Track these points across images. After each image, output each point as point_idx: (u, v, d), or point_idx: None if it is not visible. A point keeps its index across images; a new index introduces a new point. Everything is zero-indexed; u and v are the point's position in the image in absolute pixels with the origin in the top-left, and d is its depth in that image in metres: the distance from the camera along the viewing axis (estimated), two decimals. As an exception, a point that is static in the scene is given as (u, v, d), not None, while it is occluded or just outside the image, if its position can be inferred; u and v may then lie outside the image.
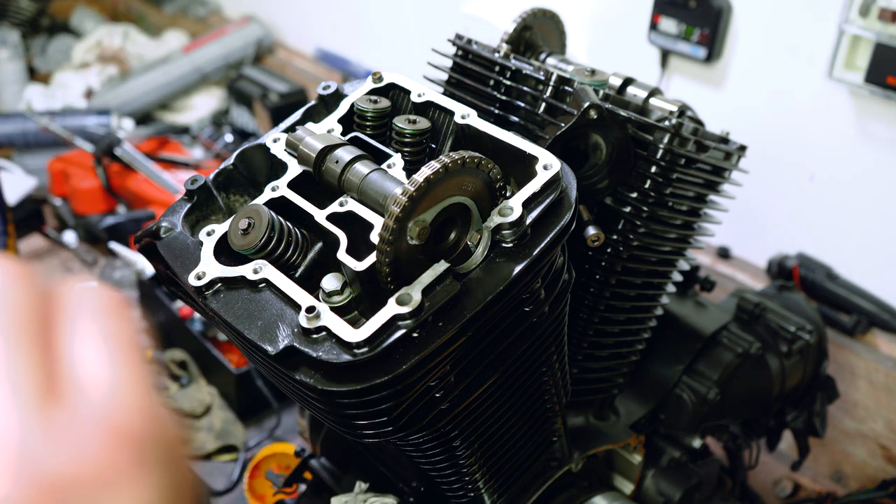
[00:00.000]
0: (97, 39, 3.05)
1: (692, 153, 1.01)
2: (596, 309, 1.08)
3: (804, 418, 1.48)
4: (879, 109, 1.58)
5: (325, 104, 0.96)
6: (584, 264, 1.06)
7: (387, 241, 0.72)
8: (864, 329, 1.66)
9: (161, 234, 0.86)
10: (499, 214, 0.78)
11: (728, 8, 1.74)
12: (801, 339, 1.37)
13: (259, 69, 2.86)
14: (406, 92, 0.94)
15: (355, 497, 1.12)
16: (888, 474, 1.63)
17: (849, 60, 1.56)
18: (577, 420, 1.20)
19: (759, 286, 1.71)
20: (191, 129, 2.79)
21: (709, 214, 1.13)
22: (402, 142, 0.88)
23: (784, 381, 1.39)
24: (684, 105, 1.06)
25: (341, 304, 0.78)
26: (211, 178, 0.90)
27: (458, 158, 0.73)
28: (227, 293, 0.80)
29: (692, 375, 1.30)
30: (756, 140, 1.31)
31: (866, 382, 1.64)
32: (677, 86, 1.90)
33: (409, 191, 0.71)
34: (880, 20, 1.48)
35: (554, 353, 0.96)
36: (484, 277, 0.77)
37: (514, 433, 1.01)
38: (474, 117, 0.88)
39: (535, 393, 0.99)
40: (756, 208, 1.77)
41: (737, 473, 1.49)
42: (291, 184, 0.86)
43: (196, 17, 3.24)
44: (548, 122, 0.98)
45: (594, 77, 1.03)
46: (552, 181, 0.80)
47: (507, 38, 1.14)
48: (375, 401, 0.75)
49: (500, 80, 1.03)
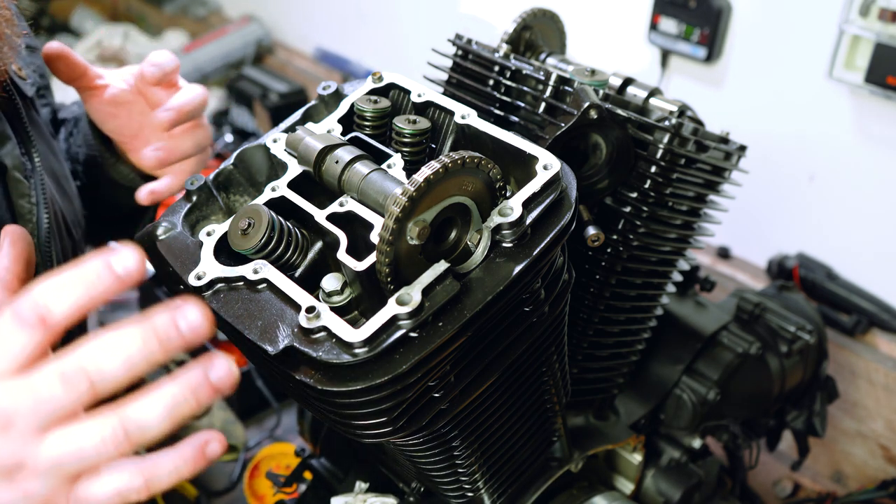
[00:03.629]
0: (97, 39, 3.05)
1: (692, 153, 1.01)
2: (596, 309, 1.08)
3: (804, 418, 1.48)
4: (879, 109, 1.58)
5: (325, 104, 0.96)
6: (584, 264, 1.06)
7: (387, 241, 0.72)
8: (864, 329, 1.66)
9: (161, 234, 0.86)
10: (499, 214, 0.78)
11: (728, 8, 1.74)
12: (801, 339, 1.37)
13: (259, 69, 2.86)
14: (406, 92, 0.94)
15: (355, 497, 1.12)
16: (888, 474, 1.63)
17: (849, 60, 1.56)
18: (577, 420, 1.20)
19: (759, 286, 1.71)
20: (191, 129, 2.78)
21: (709, 214, 1.13)
22: (402, 142, 0.88)
23: (784, 381, 1.39)
24: (684, 105, 1.06)
25: (341, 304, 0.78)
26: (211, 178, 0.90)
27: (458, 158, 0.73)
28: (227, 293, 0.80)
29: (692, 375, 1.30)
30: (756, 140, 1.31)
31: (866, 382, 1.64)
32: (677, 86, 1.90)
33: (408, 191, 0.71)
34: (880, 20, 1.48)
35: (554, 353, 0.96)
36: (484, 277, 0.77)
37: (514, 433, 1.01)
38: (474, 117, 0.88)
39: (535, 393, 0.99)
40: (756, 208, 1.77)
41: (737, 473, 1.49)
42: (291, 184, 0.86)
43: (196, 17, 3.24)
44: (548, 122, 0.98)
45: (594, 77, 1.03)
46: (552, 181, 0.80)
47: (507, 38, 1.14)
48: (375, 401, 0.75)
49: (500, 80, 1.03)
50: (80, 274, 0.59)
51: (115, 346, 0.59)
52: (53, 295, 0.59)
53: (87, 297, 0.59)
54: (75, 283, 0.59)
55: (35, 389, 0.58)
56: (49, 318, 0.59)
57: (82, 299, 0.59)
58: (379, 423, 0.79)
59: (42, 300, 0.59)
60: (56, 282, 0.59)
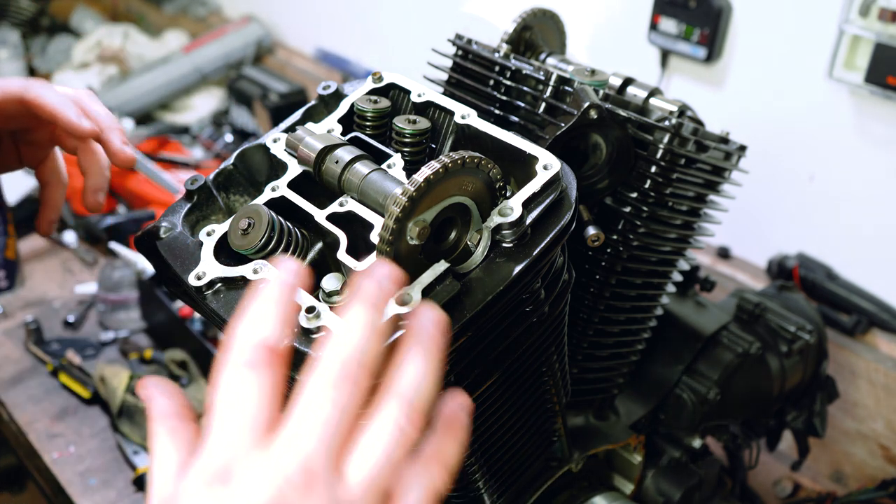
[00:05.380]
0: (97, 39, 3.04)
1: (692, 153, 1.01)
2: (596, 309, 1.08)
3: (804, 418, 1.48)
4: (879, 109, 1.58)
5: (325, 104, 0.96)
6: (584, 264, 1.06)
7: (387, 241, 0.72)
8: (864, 329, 1.66)
9: (161, 234, 0.86)
10: (499, 214, 0.78)
11: (728, 8, 1.74)
12: (801, 339, 1.37)
13: (259, 69, 2.86)
14: (406, 92, 0.94)
15: (355, 497, 1.12)
16: (888, 474, 1.63)
17: (849, 60, 1.56)
18: (577, 420, 1.20)
19: (759, 286, 1.71)
20: (191, 129, 2.79)
21: (709, 214, 1.13)
22: (402, 142, 0.88)
23: (784, 381, 1.39)
24: (684, 105, 1.06)
25: (341, 304, 0.78)
26: (211, 178, 0.90)
27: (458, 158, 0.73)
28: (227, 293, 0.80)
29: (692, 375, 1.30)
30: (756, 140, 1.31)
31: (866, 382, 1.64)
32: (677, 86, 1.90)
33: (408, 191, 0.71)
34: (880, 20, 1.48)
35: (554, 353, 0.96)
36: (484, 277, 0.77)
37: (514, 433, 1.01)
38: (474, 117, 0.88)
39: (535, 393, 0.99)
40: (756, 208, 1.77)
41: (737, 473, 1.49)
42: (291, 184, 0.86)
43: (196, 17, 3.24)
44: (548, 122, 0.98)
45: (594, 77, 1.03)
46: (552, 181, 0.80)
47: (507, 38, 1.14)
48: (375, 401, 0.75)
49: (500, 80, 1.03)
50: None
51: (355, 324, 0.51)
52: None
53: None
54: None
55: (313, 419, 0.49)
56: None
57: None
58: (379, 423, 0.79)
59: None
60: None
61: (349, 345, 0.51)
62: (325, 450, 0.48)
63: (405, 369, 0.52)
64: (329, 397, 0.49)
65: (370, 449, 0.49)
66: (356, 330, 0.51)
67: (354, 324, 0.52)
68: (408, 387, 0.51)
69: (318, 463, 0.47)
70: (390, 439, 0.49)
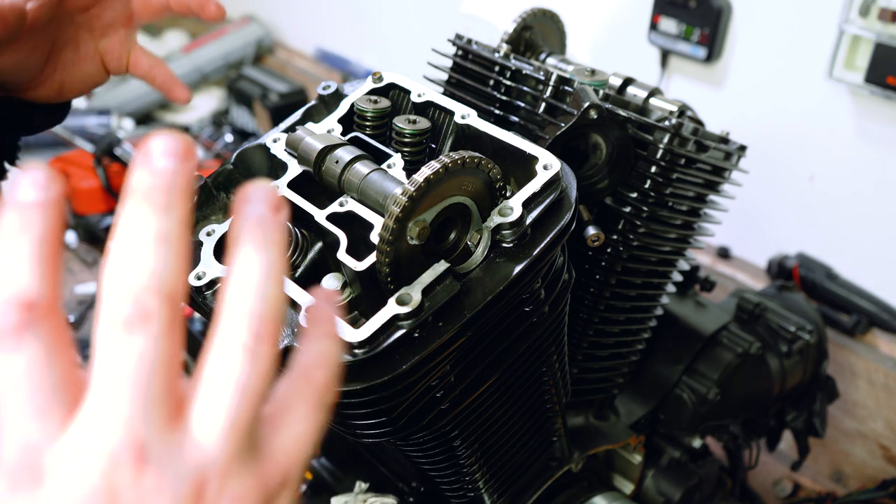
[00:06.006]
0: (97, 39, 3.04)
1: (692, 153, 1.01)
2: (596, 309, 1.08)
3: (804, 418, 1.48)
4: (879, 109, 1.58)
5: (325, 104, 0.96)
6: (584, 264, 1.06)
7: (387, 241, 0.72)
8: (864, 329, 1.66)
9: (161, 234, 0.86)
10: (499, 214, 0.78)
11: (728, 8, 1.74)
12: (801, 339, 1.37)
13: (259, 69, 2.86)
14: (406, 92, 0.94)
15: (355, 497, 1.12)
16: (888, 474, 1.63)
17: (849, 60, 1.56)
18: (577, 420, 1.20)
19: (759, 286, 1.71)
20: (191, 129, 2.79)
21: (709, 214, 1.13)
22: (402, 142, 0.88)
23: (784, 381, 1.39)
24: (684, 105, 1.06)
25: (341, 304, 0.78)
26: (211, 178, 0.90)
27: (458, 158, 0.73)
28: (227, 293, 0.80)
29: (692, 375, 1.30)
30: (756, 140, 1.31)
31: (866, 382, 1.64)
32: (677, 86, 1.90)
33: (409, 191, 0.71)
34: (880, 20, 1.48)
35: (554, 353, 0.96)
36: (484, 277, 0.77)
37: (515, 433, 1.01)
38: (474, 117, 0.88)
39: (535, 393, 0.99)
40: (756, 208, 1.77)
41: (737, 473, 1.49)
42: (291, 184, 0.86)
43: (196, 16, 3.24)
44: (548, 122, 0.98)
45: (594, 77, 1.03)
46: (552, 181, 0.80)
47: (507, 38, 1.14)
48: (375, 401, 0.75)
49: (500, 80, 1.03)
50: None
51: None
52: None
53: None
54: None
55: (115, 377, 0.36)
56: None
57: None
58: (379, 423, 0.79)
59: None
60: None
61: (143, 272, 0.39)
62: (144, 409, 0.35)
63: (239, 273, 0.39)
64: (125, 347, 0.36)
65: (216, 388, 0.37)
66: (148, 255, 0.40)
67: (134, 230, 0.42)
68: (247, 295, 0.39)
69: (140, 429, 0.35)
70: (241, 369, 0.38)
